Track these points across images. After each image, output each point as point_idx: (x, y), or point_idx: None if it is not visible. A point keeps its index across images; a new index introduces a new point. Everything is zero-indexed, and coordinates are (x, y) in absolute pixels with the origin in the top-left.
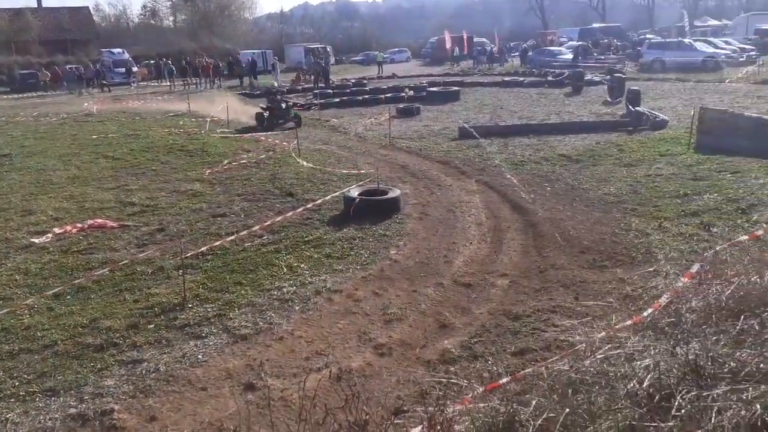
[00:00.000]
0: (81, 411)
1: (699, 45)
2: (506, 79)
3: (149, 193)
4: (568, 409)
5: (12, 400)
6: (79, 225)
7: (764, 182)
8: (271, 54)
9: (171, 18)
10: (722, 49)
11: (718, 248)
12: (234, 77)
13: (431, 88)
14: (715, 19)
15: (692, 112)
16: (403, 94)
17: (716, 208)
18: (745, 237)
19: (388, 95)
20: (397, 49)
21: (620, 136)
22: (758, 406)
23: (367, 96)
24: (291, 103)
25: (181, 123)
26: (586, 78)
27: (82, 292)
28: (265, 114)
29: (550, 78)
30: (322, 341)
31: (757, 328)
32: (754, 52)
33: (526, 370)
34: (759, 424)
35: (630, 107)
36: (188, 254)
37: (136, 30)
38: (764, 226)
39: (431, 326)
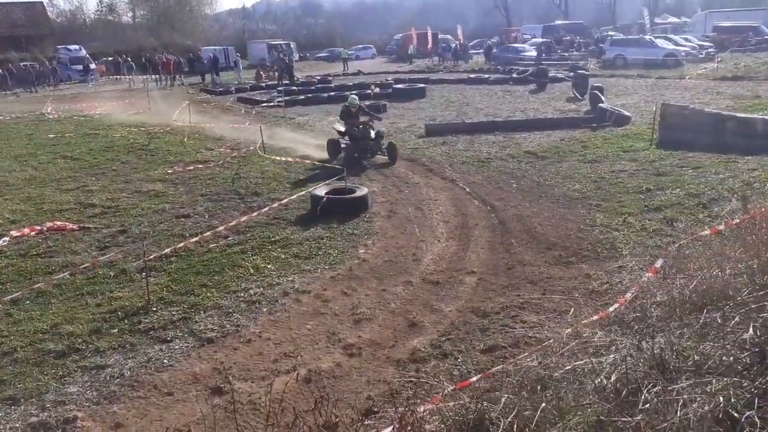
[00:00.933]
0: (43, 419)
1: (660, 42)
2: (471, 76)
3: (110, 194)
4: (542, 406)
5: None
6: (38, 227)
7: (724, 177)
8: (233, 50)
9: (129, 14)
10: (682, 46)
11: (681, 243)
12: (195, 74)
13: (397, 85)
14: (674, 17)
15: (654, 109)
16: (369, 91)
17: (679, 203)
18: (707, 231)
19: (354, 92)
20: (362, 46)
21: (584, 133)
22: (721, 399)
23: (332, 93)
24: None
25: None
26: (550, 75)
27: (42, 297)
28: (342, 142)
29: (514, 75)
30: (291, 343)
31: (719, 321)
32: (712, 49)
33: (496, 368)
34: (722, 416)
35: (593, 104)
36: (151, 256)
37: (93, 26)
38: (725, 220)
39: (401, 325)
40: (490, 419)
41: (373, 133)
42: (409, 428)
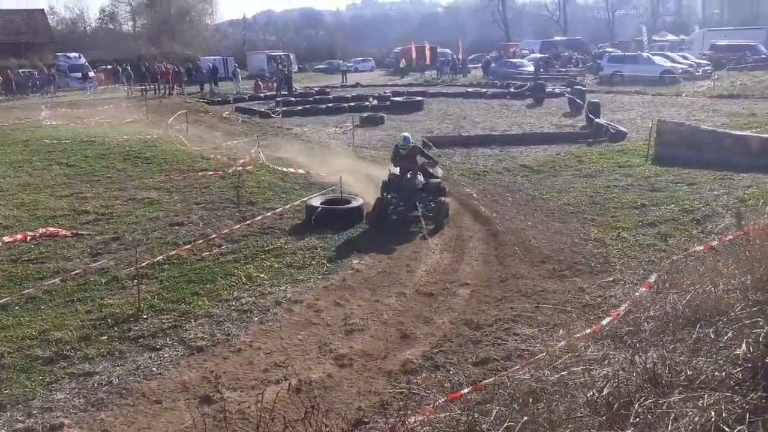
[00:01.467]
0: (29, 426)
1: (657, 59)
2: (469, 90)
3: (104, 201)
4: (526, 417)
5: None
6: (30, 233)
7: (719, 194)
8: (233, 61)
9: (130, 23)
10: (679, 63)
11: (674, 258)
12: (194, 84)
13: (395, 98)
14: (672, 34)
15: (650, 125)
16: (367, 103)
17: (673, 218)
18: (701, 247)
19: (352, 104)
20: (361, 59)
21: (580, 148)
22: (713, 413)
23: (330, 104)
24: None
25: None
26: (547, 90)
27: (32, 303)
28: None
29: (512, 89)
30: (282, 353)
31: (712, 336)
32: (709, 67)
33: (487, 380)
34: (713, 430)
35: (590, 119)
36: (143, 264)
37: (93, 34)
38: (719, 236)
39: (393, 336)
40: (481, 431)
41: (420, 182)
42: None
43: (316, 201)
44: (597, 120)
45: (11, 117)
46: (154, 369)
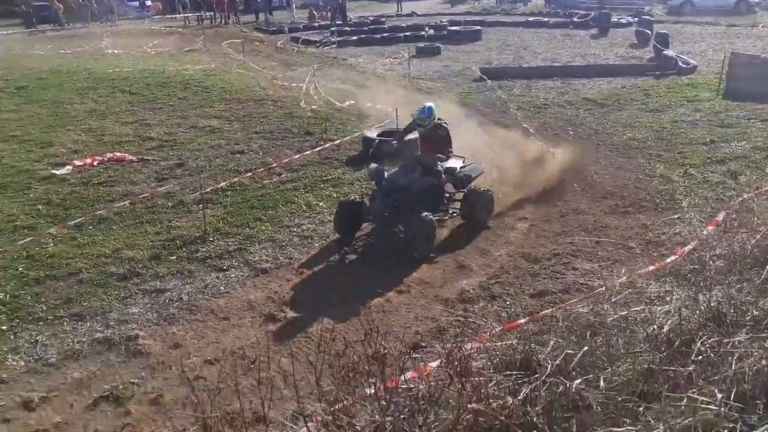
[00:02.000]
0: (107, 336)
1: None
2: (530, 19)
3: (167, 128)
4: (586, 347)
5: (41, 323)
6: (99, 158)
7: None
8: None
9: None
10: None
11: (745, 197)
12: (249, 13)
13: (452, 27)
14: None
15: (722, 57)
16: (423, 32)
17: (744, 156)
18: None
19: (407, 34)
20: None
21: (647, 81)
22: None
23: (385, 34)
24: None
25: None
26: (612, 20)
27: (104, 224)
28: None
29: (575, 19)
30: (342, 277)
31: None
32: None
33: (545, 312)
34: None
35: (658, 51)
36: (208, 189)
37: None
38: None
39: (450, 266)
40: (537, 361)
41: (413, 179)
42: (455, 363)
43: (373, 133)
44: (665, 52)
45: (74, 45)
46: (221, 288)
